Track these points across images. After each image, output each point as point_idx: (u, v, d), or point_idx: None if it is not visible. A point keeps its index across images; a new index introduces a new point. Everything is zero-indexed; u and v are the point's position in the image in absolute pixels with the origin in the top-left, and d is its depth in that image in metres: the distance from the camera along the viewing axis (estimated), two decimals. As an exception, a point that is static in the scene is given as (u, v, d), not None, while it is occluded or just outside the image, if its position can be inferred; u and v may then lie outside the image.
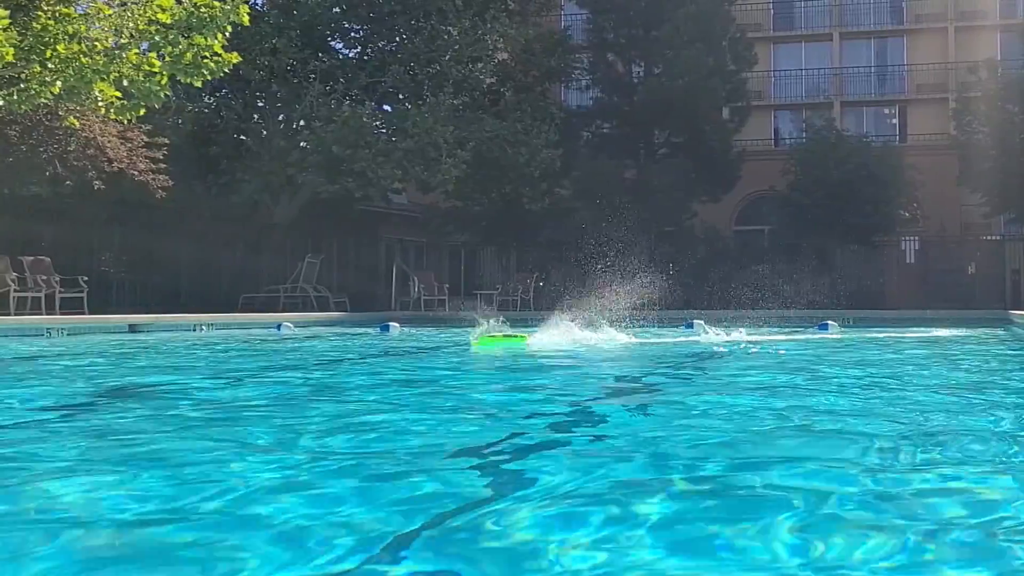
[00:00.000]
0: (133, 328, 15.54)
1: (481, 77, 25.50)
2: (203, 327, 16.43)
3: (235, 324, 17.46)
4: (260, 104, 24.94)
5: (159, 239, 21.75)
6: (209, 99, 24.42)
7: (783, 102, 38.44)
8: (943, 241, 31.23)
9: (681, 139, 29.48)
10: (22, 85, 13.77)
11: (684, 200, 28.83)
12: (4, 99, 13.84)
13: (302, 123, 24.26)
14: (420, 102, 24.23)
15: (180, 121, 23.05)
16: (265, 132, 24.43)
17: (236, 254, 23.62)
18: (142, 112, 14.73)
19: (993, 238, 31.86)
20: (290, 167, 23.25)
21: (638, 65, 30.22)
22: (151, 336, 14.67)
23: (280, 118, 24.88)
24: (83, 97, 14.14)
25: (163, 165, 20.26)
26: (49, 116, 18.63)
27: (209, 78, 14.69)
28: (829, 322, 16.12)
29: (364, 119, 23.28)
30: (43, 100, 14.34)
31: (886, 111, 39.08)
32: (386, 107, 25.88)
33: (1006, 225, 31.53)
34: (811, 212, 27.82)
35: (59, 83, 13.66)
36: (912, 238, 30.71)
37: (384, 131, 24.35)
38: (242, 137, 24.27)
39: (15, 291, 17.24)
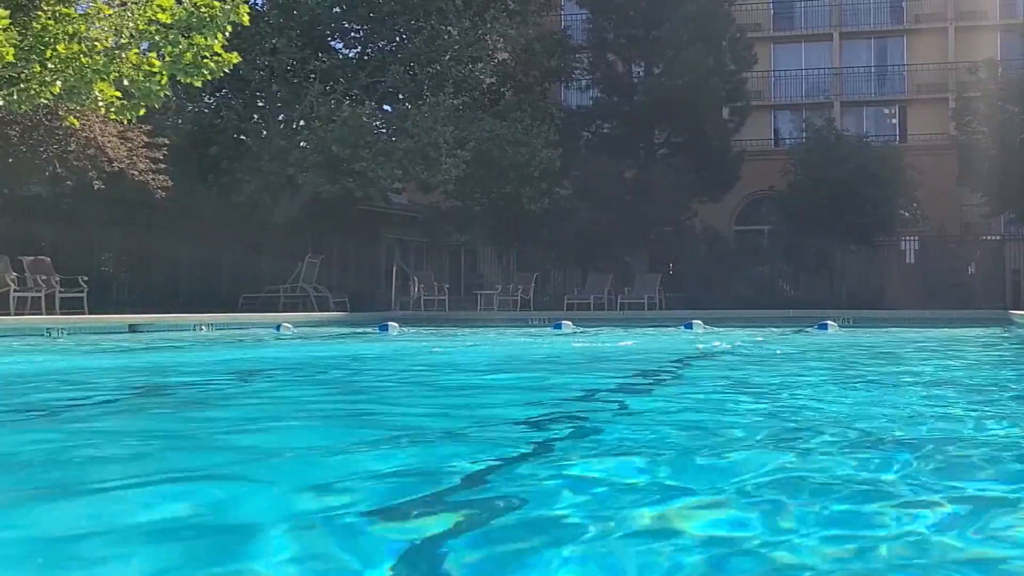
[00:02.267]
0: (133, 328, 15.42)
1: (481, 77, 25.33)
2: (203, 327, 16.29)
3: (235, 324, 17.33)
4: (260, 104, 24.79)
5: (159, 239, 21.72)
6: (209, 99, 24.36)
7: (783, 102, 38.42)
8: (943, 241, 31.17)
9: (681, 139, 29.40)
10: (22, 85, 13.73)
11: (684, 200, 28.82)
12: (4, 99, 13.83)
13: (302, 123, 24.11)
14: (420, 102, 24.00)
15: (180, 121, 23.07)
16: (265, 132, 24.25)
17: (236, 254, 23.53)
18: (142, 112, 14.72)
19: (993, 238, 31.84)
20: (290, 167, 23.07)
21: (638, 65, 30.15)
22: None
23: (280, 118, 24.75)
24: (83, 97, 14.07)
25: (163, 165, 20.17)
26: (49, 116, 18.61)
27: (209, 78, 14.64)
28: (829, 322, 16.16)
29: (364, 119, 23.04)
30: (43, 100, 14.27)
31: (886, 111, 39.06)
32: (386, 107, 25.72)
33: (1006, 225, 31.51)
34: (811, 212, 27.79)
35: (59, 83, 13.64)
36: (912, 238, 30.66)
37: (384, 131, 24.20)
38: (242, 137, 24.15)
39: (15, 291, 17.13)
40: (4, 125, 18.65)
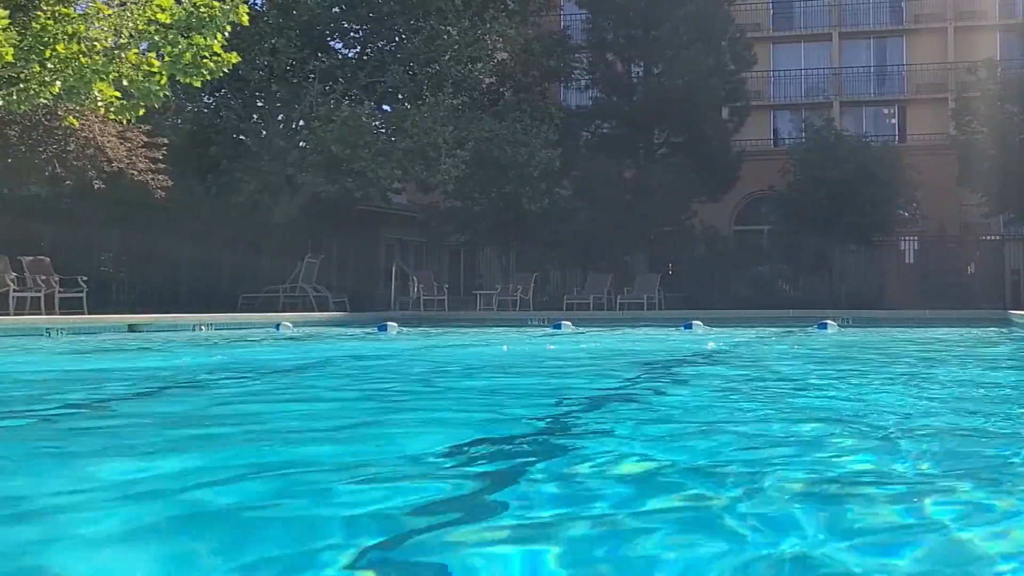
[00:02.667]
0: (133, 328, 15.38)
1: (480, 77, 25.19)
2: (202, 327, 16.17)
3: (234, 324, 17.25)
4: (260, 104, 24.69)
5: (159, 239, 21.62)
6: (209, 99, 24.26)
7: (782, 102, 38.41)
8: (943, 241, 31.08)
9: (681, 139, 29.29)
10: (21, 85, 13.77)
11: (683, 200, 28.73)
12: (3, 99, 13.85)
13: (301, 123, 24.05)
14: (419, 102, 23.91)
15: (180, 121, 22.98)
16: (265, 132, 24.26)
17: (235, 254, 23.49)
18: (141, 112, 14.77)
19: (993, 238, 31.80)
20: (289, 167, 23.03)
21: (638, 65, 30.05)
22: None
23: (280, 118, 24.60)
24: (83, 97, 14.11)
25: (162, 165, 20.14)
26: (48, 116, 18.61)
27: (208, 78, 14.72)
28: (828, 321, 16.15)
29: (363, 119, 22.98)
30: (42, 100, 14.32)
31: (885, 111, 39.04)
32: (385, 107, 25.66)
33: (1006, 225, 31.48)
34: (810, 212, 27.73)
35: (58, 83, 13.67)
36: (912, 238, 30.58)
37: (383, 131, 24.07)
38: (241, 137, 24.06)
39: (14, 291, 17.02)
40: (3, 125, 18.62)
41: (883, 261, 29.83)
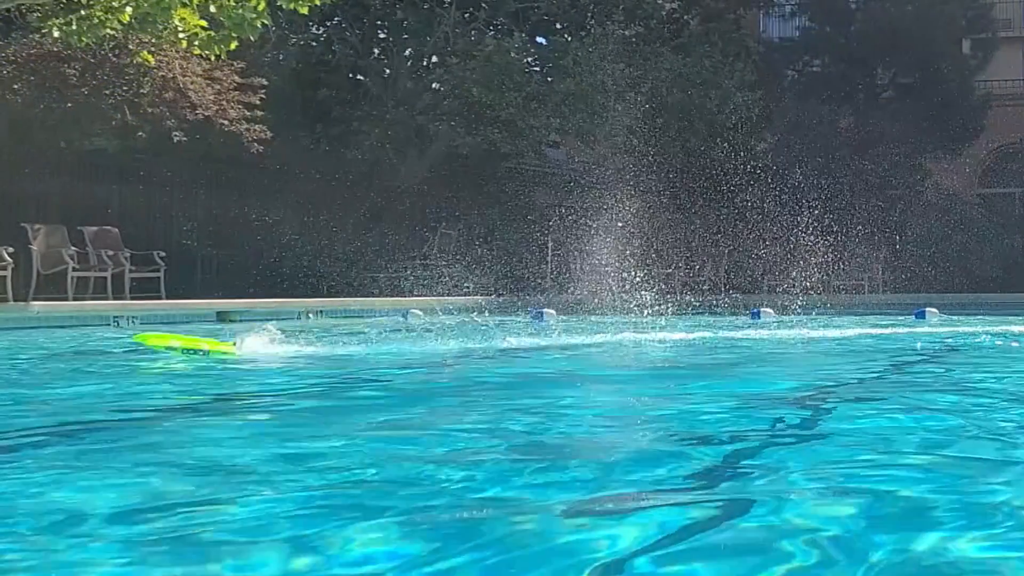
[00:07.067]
0: (222, 316, 15.05)
1: (660, 2, 24.85)
2: (310, 315, 15.88)
3: (351, 311, 16.93)
4: (382, 36, 24.30)
5: (255, 205, 20.98)
6: (318, 29, 23.68)
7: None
8: None
9: (910, 79, 27.38)
10: (83, 12, 13.30)
11: (914, 156, 26.73)
12: (61, 29, 13.31)
13: (435, 60, 23.67)
14: (583, 33, 23.18)
15: (282, 57, 22.83)
16: (389, 71, 23.90)
17: (352, 224, 22.74)
18: (234, 46, 14.21)
19: None
20: (420, 115, 22.58)
21: (857, -14, 29.28)
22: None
23: (407, 53, 24.11)
24: (160, 27, 13.68)
25: (260, 112, 19.36)
26: (117, 51, 17.73)
27: (318, 3, 14.21)
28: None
29: (512, 54, 22.51)
30: (109, 31, 13.78)
31: None
32: (540, 40, 25.22)
33: None
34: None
35: (129, 8, 13.10)
36: None
37: (538, 69, 23.97)
38: (359, 77, 23.80)
39: (74, 269, 16.45)
40: (61, 62, 17.67)
41: None
